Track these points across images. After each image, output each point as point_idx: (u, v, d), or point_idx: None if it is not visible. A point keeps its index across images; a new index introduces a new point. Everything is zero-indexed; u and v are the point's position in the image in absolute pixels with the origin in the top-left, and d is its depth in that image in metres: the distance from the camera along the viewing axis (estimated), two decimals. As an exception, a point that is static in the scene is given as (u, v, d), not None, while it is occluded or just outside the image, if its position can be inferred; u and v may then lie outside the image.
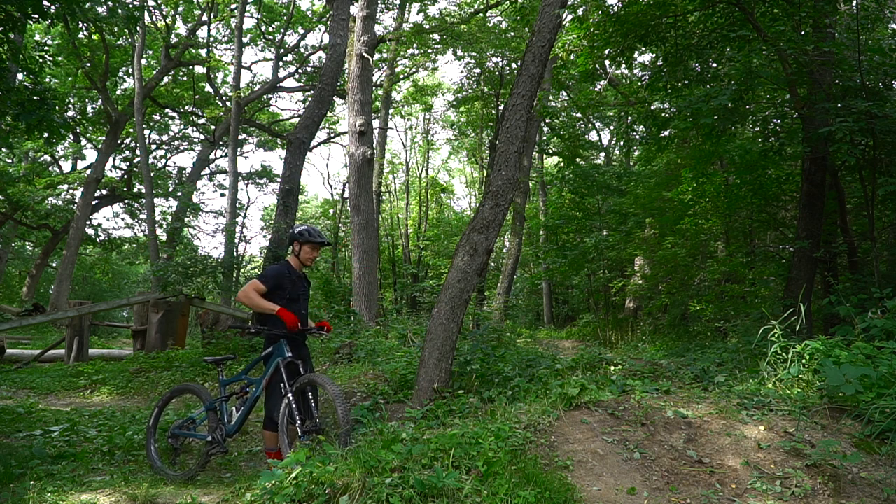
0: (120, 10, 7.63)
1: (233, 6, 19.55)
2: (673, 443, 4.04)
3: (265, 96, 23.15)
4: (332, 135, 26.96)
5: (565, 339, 16.82)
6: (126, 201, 25.25)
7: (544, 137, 21.85)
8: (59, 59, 18.18)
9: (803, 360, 4.99)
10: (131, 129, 22.12)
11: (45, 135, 6.77)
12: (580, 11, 8.22)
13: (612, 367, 6.08)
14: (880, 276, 7.03)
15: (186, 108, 23.20)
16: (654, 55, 9.55)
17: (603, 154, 25.96)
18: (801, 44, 7.05)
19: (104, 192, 23.30)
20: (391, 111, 23.28)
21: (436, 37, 16.95)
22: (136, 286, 31.39)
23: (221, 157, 26.78)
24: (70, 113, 22.32)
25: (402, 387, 6.17)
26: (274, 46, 21.87)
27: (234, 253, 16.75)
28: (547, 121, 19.00)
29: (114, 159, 24.59)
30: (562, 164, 20.80)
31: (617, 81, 16.42)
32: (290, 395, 4.14)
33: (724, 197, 11.56)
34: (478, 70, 19.49)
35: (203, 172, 25.97)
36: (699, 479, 3.71)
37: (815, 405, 4.40)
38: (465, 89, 21.35)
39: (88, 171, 22.07)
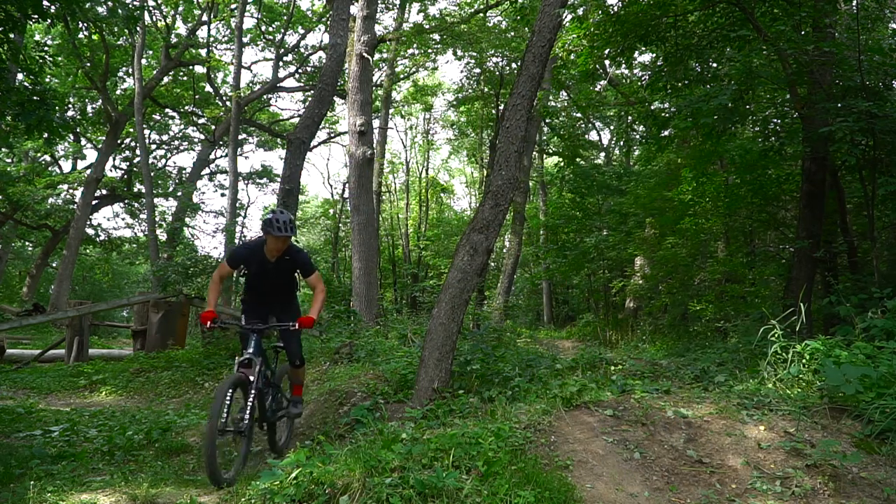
0: (120, 10, 7.62)
1: (233, 6, 19.54)
2: (673, 443, 4.04)
3: (265, 96, 23.14)
4: (332, 135, 26.95)
5: (565, 339, 16.81)
6: (126, 201, 25.24)
7: (544, 137, 21.84)
8: (59, 59, 18.16)
9: (803, 360, 4.99)
10: (131, 129, 22.11)
11: (45, 135, 6.76)
12: (580, 11, 8.21)
13: (613, 367, 6.08)
14: (880, 276, 7.02)
15: (186, 108, 23.18)
16: (654, 55, 9.56)
17: (603, 154, 25.95)
18: (801, 44, 7.05)
19: (104, 192, 23.29)
20: (391, 111, 23.26)
21: (436, 37, 16.94)
22: (136, 286, 31.36)
23: (221, 157, 26.78)
24: (70, 113, 22.31)
25: (402, 387, 6.16)
26: (274, 46, 21.85)
27: (234, 253, 16.72)
28: (547, 121, 19.00)
29: (114, 159, 24.58)
30: (562, 164, 20.81)
31: (617, 81, 16.43)
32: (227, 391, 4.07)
33: (724, 197, 11.57)
34: (478, 70, 19.47)
35: (203, 172, 25.96)
36: (699, 479, 3.71)
37: (815, 405, 4.40)
38: (465, 89, 21.33)
39: (88, 171, 22.06)
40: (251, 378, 4.26)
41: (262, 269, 4.72)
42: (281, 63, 21.84)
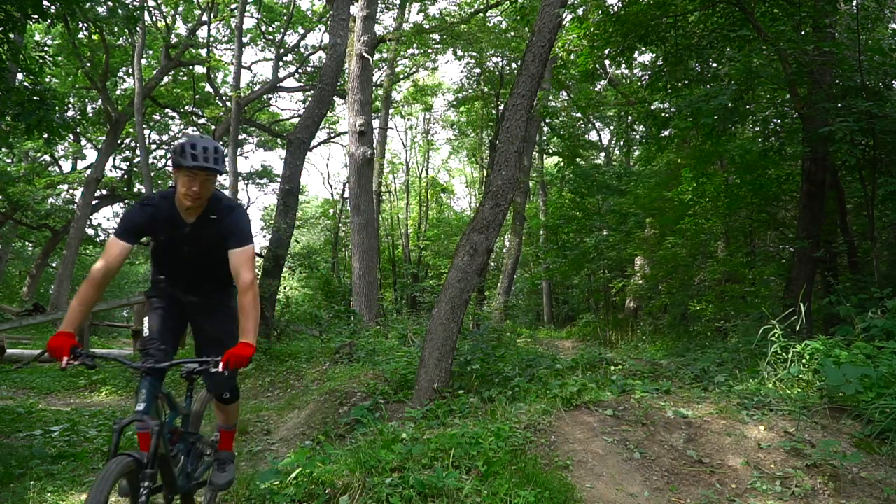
0: (120, 10, 7.62)
1: (233, 6, 19.54)
2: (673, 443, 4.04)
3: (265, 96, 23.13)
4: (332, 135, 26.94)
5: (565, 339, 16.80)
6: (126, 201, 25.22)
7: (544, 137, 21.83)
8: (59, 59, 18.15)
9: (803, 360, 4.99)
10: (131, 129, 22.10)
11: (45, 135, 6.76)
12: (580, 11, 8.21)
13: (613, 367, 6.09)
14: (880, 276, 7.02)
15: (186, 108, 23.17)
16: (654, 55, 9.55)
17: (603, 154, 25.94)
18: (801, 44, 7.05)
19: (104, 192, 23.28)
20: (391, 111, 23.26)
21: (436, 37, 16.93)
22: (136, 286, 31.37)
23: (221, 157, 26.74)
24: (70, 113, 22.29)
25: (402, 387, 6.17)
26: (274, 46, 21.85)
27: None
28: (547, 121, 18.99)
29: (114, 159, 24.57)
30: (562, 164, 20.80)
31: (617, 81, 16.42)
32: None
33: (724, 197, 11.56)
34: (478, 70, 19.47)
35: (203, 172, 25.92)
36: (699, 478, 3.71)
37: (815, 405, 4.40)
38: (465, 89, 21.33)
39: (88, 171, 22.05)
40: (144, 460, 2.49)
41: (175, 238, 2.96)
42: (281, 63, 21.84)
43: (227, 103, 20.44)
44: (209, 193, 2.88)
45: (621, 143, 22.77)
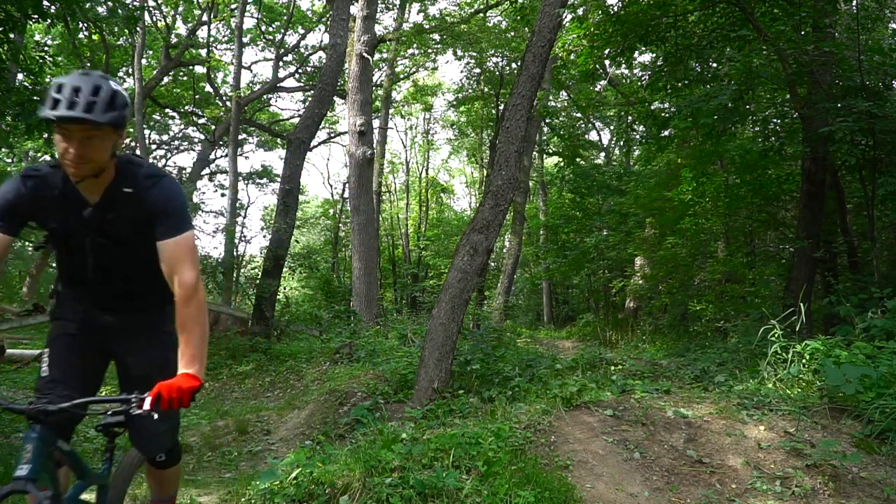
0: (120, 10, 7.62)
1: (233, 6, 19.54)
2: (673, 443, 4.04)
3: (265, 96, 23.13)
4: (332, 135, 26.93)
5: (565, 339, 16.80)
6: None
7: (544, 137, 21.83)
8: (59, 59, 18.14)
9: (803, 360, 4.99)
10: (131, 129, 22.10)
11: (45, 135, 6.76)
12: (580, 11, 8.22)
13: (613, 367, 6.09)
14: (880, 276, 7.02)
15: (186, 108, 23.17)
16: (654, 55, 9.56)
17: (603, 154, 25.94)
18: (801, 44, 7.05)
19: (104, 191, 23.27)
20: (391, 111, 23.26)
21: (436, 37, 16.94)
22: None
23: (221, 157, 26.75)
24: (70, 113, 22.25)
25: (402, 387, 6.17)
26: (274, 46, 21.86)
27: (234, 253, 16.77)
28: (547, 121, 18.99)
29: (114, 159, 24.56)
30: (562, 164, 20.80)
31: (617, 81, 16.42)
32: None
33: (724, 197, 11.56)
34: (478, 70, 19.48)
35: (203, 172, 25.92)
36: (699, 478, 3.71)
37: (815, 405, 4.40)
38: (465, 89, 21.34)
39: (88, 171, 22.05)
40: None
41: (73, 226, 2.02)
42: (281, 63, 21.84)
43: (227, 103, 20.44)
44: (102, 157, 1.87)
45: (621, 143, 22.77)
